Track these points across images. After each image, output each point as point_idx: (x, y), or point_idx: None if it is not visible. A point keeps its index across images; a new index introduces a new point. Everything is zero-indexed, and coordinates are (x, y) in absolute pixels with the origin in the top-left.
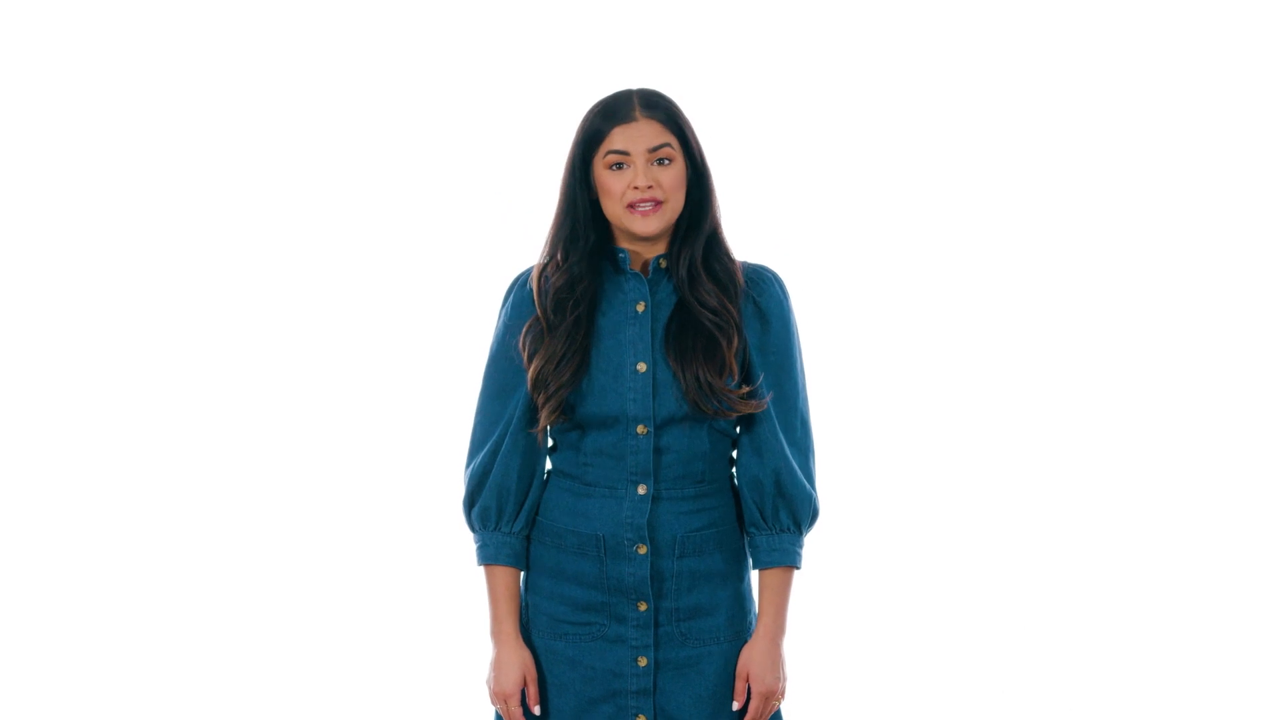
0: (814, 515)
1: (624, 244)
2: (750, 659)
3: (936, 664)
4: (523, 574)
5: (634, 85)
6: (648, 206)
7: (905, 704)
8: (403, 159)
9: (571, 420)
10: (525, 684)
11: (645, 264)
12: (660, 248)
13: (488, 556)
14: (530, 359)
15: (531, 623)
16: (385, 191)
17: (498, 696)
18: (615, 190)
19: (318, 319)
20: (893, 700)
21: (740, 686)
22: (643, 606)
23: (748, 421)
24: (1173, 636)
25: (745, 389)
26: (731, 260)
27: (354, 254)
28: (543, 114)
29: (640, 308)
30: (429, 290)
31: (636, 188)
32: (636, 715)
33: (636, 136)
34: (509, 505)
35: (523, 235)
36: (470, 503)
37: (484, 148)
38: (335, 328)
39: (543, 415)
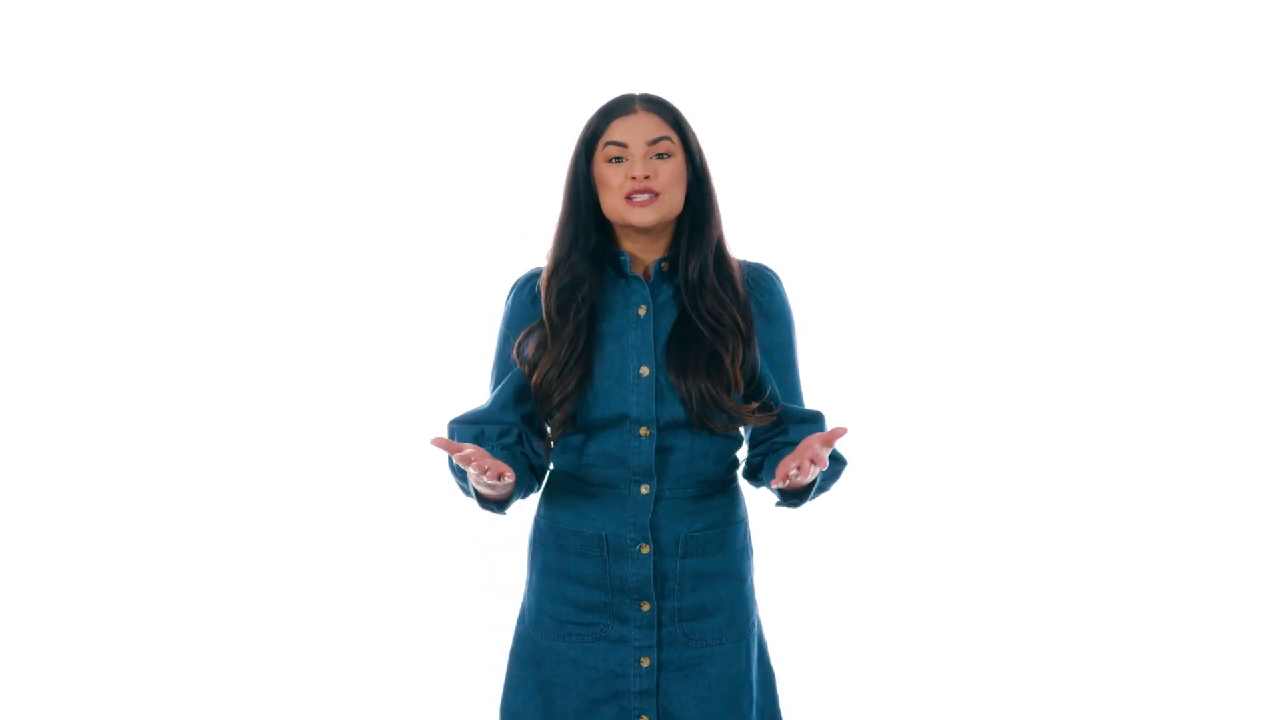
0: (840, 465)
1: (626, 247)
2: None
3: (935, 665)
4: (526, 574)
5: (637, 90)
6: (645, 197)
7: (905, 704)
8: (404, 160)
9: (575, 425)
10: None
11: (647, 269)
12: (660, 250)
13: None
14: (534, 368)
15: (535, 623)
16: (386, 192)
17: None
18: (614, 182)
19: (318, 320)
20: (892, 700)
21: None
22: (645, 607)
23: None
24: (1172, 637)
25: (755, 405)
26: (735, 268)
27: (355, 255)
28: (543, 115)
29: (642, 311)
30: (429, 290)
31: (634, 177)
32: (639, 716)
33: (635, 129)
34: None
35: (523, 235)
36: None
37: (484, 148)
38: (336, 328)
39: (552, 428)
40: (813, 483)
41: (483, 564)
